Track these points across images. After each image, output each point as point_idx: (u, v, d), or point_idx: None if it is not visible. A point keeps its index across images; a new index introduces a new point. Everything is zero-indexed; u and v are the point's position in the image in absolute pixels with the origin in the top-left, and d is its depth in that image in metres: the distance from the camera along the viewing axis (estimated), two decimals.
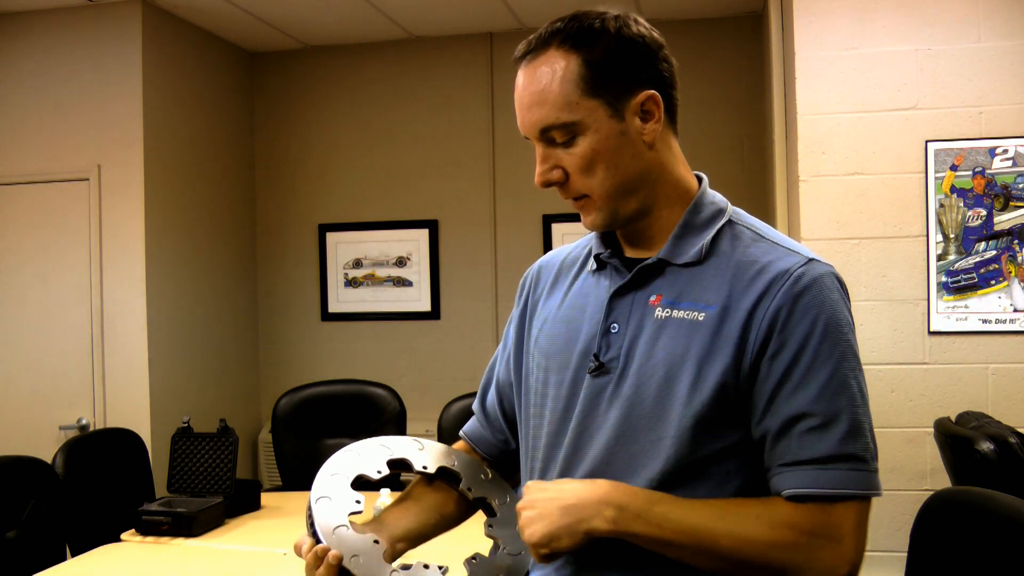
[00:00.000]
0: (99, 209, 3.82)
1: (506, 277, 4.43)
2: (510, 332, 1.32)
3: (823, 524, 1.01)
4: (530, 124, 1.11)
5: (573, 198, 1.13)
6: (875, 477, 1.04)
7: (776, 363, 1.03)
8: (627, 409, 1.08)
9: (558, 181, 1.11)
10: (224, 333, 4.40)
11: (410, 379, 4.42)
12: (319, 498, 1.13)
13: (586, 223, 1.14)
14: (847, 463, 1.01)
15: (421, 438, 1.30)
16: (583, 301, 1.19)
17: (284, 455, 3.67)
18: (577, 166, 1.09)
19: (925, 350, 2.99)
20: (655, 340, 1.08)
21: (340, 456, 1.21)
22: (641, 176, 1.11)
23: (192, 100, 4.19)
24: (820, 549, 1.01)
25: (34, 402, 3.87)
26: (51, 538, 2.55)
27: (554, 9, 1.13)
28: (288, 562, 2.31)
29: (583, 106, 1.07)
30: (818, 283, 1.05)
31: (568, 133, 1.08)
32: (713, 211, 1.14)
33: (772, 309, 1.04)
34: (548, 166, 1.11)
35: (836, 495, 1.01)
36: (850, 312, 1.09)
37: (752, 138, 4.15)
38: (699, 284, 1.09)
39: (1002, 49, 2.96)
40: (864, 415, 1.04)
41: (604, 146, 1.08)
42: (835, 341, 1.04)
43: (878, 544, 3.00)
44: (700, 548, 1.02)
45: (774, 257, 1.08)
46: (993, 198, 2.97)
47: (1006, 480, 2.19)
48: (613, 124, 1.08)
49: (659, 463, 1.05)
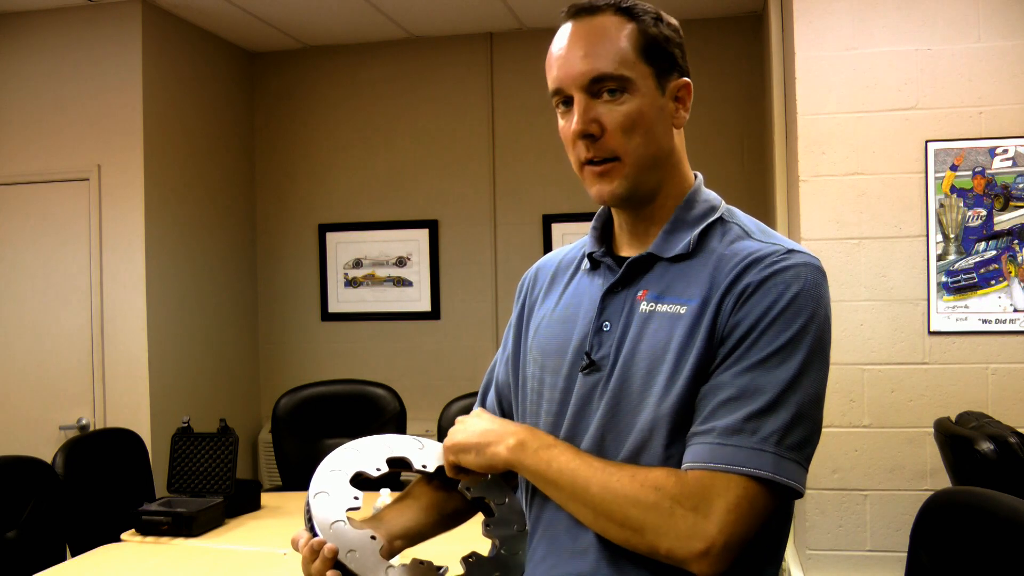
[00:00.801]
0: (99, 209, 3.83)
1: (506, 277, 4.43)
2: (509, 334, 1.33)
3: (691, 494, 0.99)
4: (580, 73, 1.09)
5: (598, 160, 1.11)
6: (783, 463, 0.99)
7: (729, 339, 1.04)
8: (613, 402, 1.09)
9: (595, 134, 1.10)
10: (224, 333, 4.40)
11: (410, 379, 4.42)
12: (317, 493, 1.13)
13: (603, 192, 1.12)
14: (748, 440, 0.99)
15: (421, 437, 1.30)
16: (578, 301, 1.20)
17: (284, 455, 3.67)
18: (619, 124, 1.09)
19: (925, 350, 2.99)
20: (640, 334, 1.09)
21: (340, 453, 1.21)
22: (666, 155, 1.14)
23: (192, 100, 4.19)
24: (679, 518, 0.98)
25: (34, 402, 3.87)
26: (51, 538, 2.55)
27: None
28: (288, 562, 2.32)
29: (638, 68, 1.09)
30: (791, 269, 1.05)
31: (620, 87, 1.09)
32: (705, 208, 1.16)
33: (739, 290, 1.05)
34: (589, 117, 1.09)
35: (720, 469, 0.98)
36: (824, 306, 1.06)
37: (752, 138, 4.15)
38: (684, 279, 1.10)
39: (1002, 49, 2.96)
40: (791, 400, 1.00)
41: (647, 112, 1.10)
42: (787, 324, 1.02)
43: (878, 544, 3.01)
44: (575, 493, 1.05)
45: (755, 248, 1.09)
46: (993, 198, 2.97)
47: (1006, 480, 2.19)
48: (657, 96, 1.11)
49: (642, 453, 1.06)
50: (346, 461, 1.19)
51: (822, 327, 1.05)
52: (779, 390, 1.00)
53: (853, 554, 3.02)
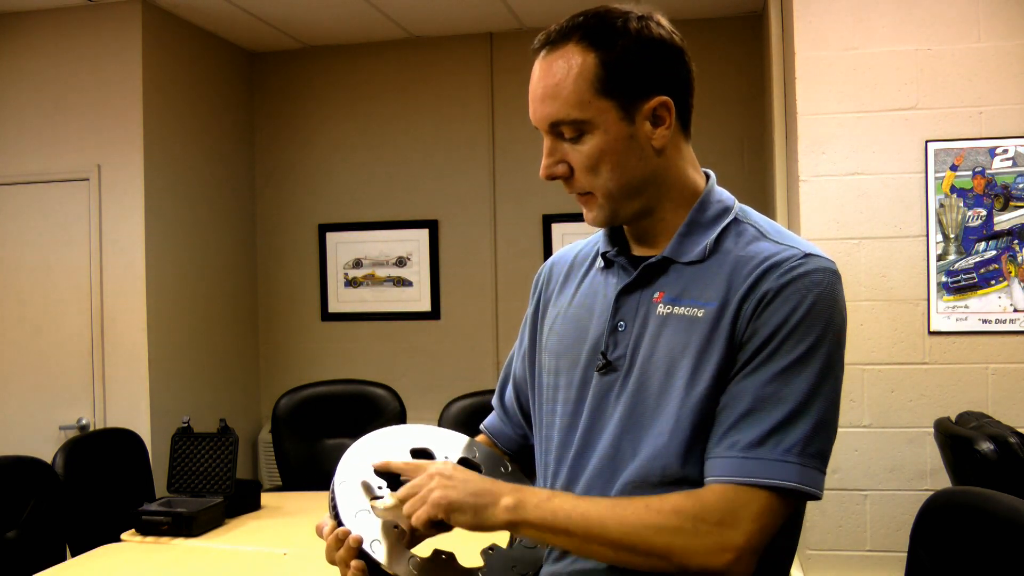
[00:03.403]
0: (99, 209, 3.83)
1: (506, 277, 4.43)
2: (525, 329, 1.34)
3: (715, 508, 1.00)
4: (541, 117, 1.11)
5: (577, 193, 1.14)
6: (805, 472, 1.01)
7: (747, 347, 1.04)
8: (631, 405, 1.09)
9: (563, 175, 1.12)
10: (224, 333, 4.40)
11: (410, 379, 4.41)
12: (343, 481, 1.13)
13: (587, 219, 1.15)
14: (772, 452, 1.00)
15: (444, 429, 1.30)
16: (591, 299, 1.20)
17: (284, 455, 3.67)
18: (583, 164, 1.10)
19: (925, 350, 2.99)
20: (657, 337, 1.09)
21: (364, 441, 1.21)
22: (645, 180, 1.11)
23: (192, 100, 4.19)
24: (704, 534, 0.99)
25: (34, 402, 3.87)
26: (51, 538, 2.55)
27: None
28: (288, 562, 2.32)
29: (595, 105, 1.07)
30: (809, 275, 1.05)
31: (577, 130, 1.08)
32: (719, 209, 1.15)
33: (758, 296, 1.04)
34: (554, 159, 1.12)
35: (747, 483, 1.00)
36: (841, 311, 1.07)
37: (752, 138, 4.15)
38: (701, 281, 1.09)
39: (1002, 49, 2.96)
40: (811, 410, 1.02)
41: (611, 147, 1.08)
42: (807, 332, 1.03)
43: (878, 544, 3.01)
44: (590, 535, 1.02)
45: (772, 252, 1.08)
46: (993, 198, 2.97)
47: (1006, 480, 2.19)
48: (623, 127, 1.08)
49: (660, 457, 1.06)
50: (370, 450, 1.19)
51: (839, 333, 1.06)
52: (800, 400, 1.01)
53: (853, 554, 3.02)
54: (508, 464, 1.31)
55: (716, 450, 1.03)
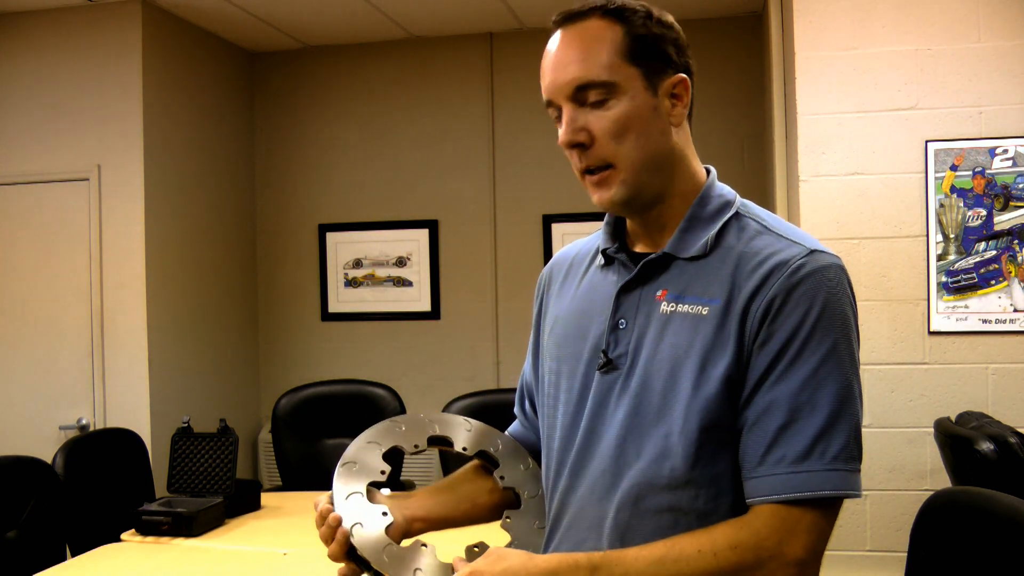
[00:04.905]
0: (99, 209, 3.82)
1: (506, 277, 4.43)
2: (532, 333, 1.34)
3: (772, 531, 0.99)
4: (565, 82, 1.08)
5: (592, 169, 1.10)
6: (851, 477, 1.01)
7: (763, 352, 1.03)
8: (634, 404, 1.08)
9: (583, 143, 1.09)
10: (224, 333, 4.40)
11: (410, 379, 4.41)
12: (346, 463, 1.13)
13: (602, 199, 1.11)
14: (819, 463, 1.00)
15: (471, 419, 1.29)
16: (592, 297, 1.19)
17: (284, 455, 3.67)
18: (608, 130, 1.07)
19: (925, 350, 2.99)
20: (661, 335, 1.08)
21: (381, 425, 1.21)
22: (665, 156, 1.11)
23: (192, 100, 4.19)
24: (767, 558, 0.99)
25: (34, 402, 3.87)
26: (51, 538, 2.55)
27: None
28: (288, 562, 2.32)
29: (623, 71, 1.07)
30: (817, 274, 1.04)
31: (604, 94, 1.07)
32: (720, 203, 1.14)
33: (767, 299, 1.03)
34: (577, 126, 1.08)
35: (799, 499, 0.99)
36: (852, 305, 1.07)
37: (752, 138, 4.15)
38: (704, 278, 1.08)
39: (1002, 49, 2.96)
40: (847, 412, 1.01)
41: (638, 114, 1.08)
42: (825, 333, 1.02)
43: (878, 544, 3.01)
44: None
45: (776, 248, 1.07)
46: (993, 198, 2.97)
47: (1006, 480, 2.19)
48: (647, 96, 1.08)
49: (667, 458, 1.05)
50: (385, 434, 1.19)
51: (854, 328, 1.06)
52: (836, 403, 1.01)
53: (853, 554, 3.02)
54: (530, 463, 1.30)
55: (761, 468, 1.01)
